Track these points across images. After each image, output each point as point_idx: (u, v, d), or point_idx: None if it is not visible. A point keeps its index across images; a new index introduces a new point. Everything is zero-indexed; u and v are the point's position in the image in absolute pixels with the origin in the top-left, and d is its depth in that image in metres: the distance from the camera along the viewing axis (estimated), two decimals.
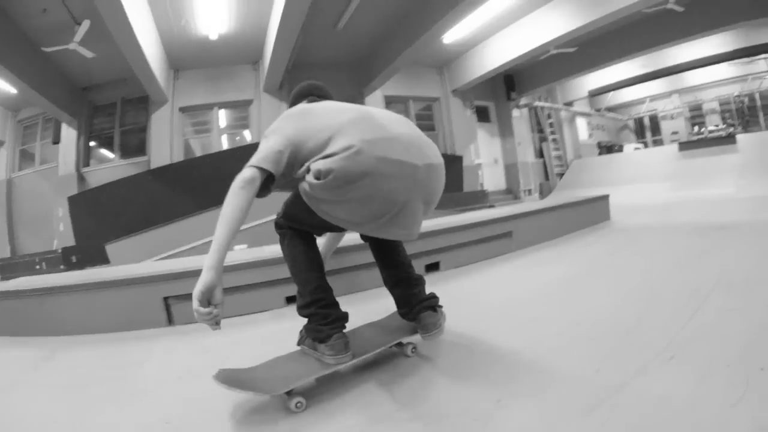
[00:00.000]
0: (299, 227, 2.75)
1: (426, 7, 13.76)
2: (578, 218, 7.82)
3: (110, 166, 16.52)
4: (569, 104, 27.99)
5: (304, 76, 4.77)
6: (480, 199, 17.84)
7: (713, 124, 26.01)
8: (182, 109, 16.98)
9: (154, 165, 15.62)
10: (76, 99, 16.19)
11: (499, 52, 18.79)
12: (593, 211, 8.42)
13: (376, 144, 2.30)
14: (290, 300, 4.27)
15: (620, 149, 26.96)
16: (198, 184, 12.79)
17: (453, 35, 17.11)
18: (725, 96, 26.20)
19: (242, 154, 2.80)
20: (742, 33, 20.64)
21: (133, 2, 11.26)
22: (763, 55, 22.53)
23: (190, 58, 16.21)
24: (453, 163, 18.42)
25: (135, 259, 9.54)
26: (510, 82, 23.58)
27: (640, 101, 31.10)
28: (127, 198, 13.36)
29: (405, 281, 2.85)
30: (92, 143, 17.07)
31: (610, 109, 31.54)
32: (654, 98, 30.29)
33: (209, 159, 15.13)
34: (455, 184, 17.86)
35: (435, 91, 21.75)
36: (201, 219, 10.75)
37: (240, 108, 17.91)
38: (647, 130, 31.69)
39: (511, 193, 23.14)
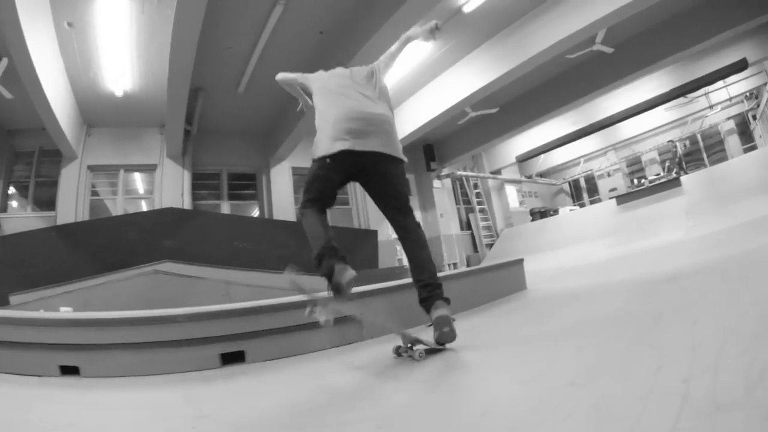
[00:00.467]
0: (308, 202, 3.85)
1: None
2: (478, 290, 6.29)
3: (23, 216, 15.66)
4: (497, 172, 27.13)
5: (209, 144, 11.41)
6: (397, 275, 14.64)
7: (654, 174, 24.49)
8: (90, 168, 16.22)
9: (60, 221, 14.77)
10: (1, 140, 15.63)
11: (413, 117, 17.83)
12: (502, 281, 7.01)
13: None
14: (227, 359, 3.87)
15: (555, 213, 25.86)
16: (94, 247, 12.01)
17: None
18: (665, 144, 24.75)
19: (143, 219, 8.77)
20: (676, 71, 19.77)
21: (44, 48, 11.27)
22: (701, 91, 21.51)
23: (101, 114, 15.78)
24: (367, 238, 17.01)
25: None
26: (430, 152, 22.97)
27: (574, 163, 29.98)
28: (31, 251, 12.24)
29: None
30: (11, 190, 16.19)
31: (542, 175, 30.71)
32: (588, 158, 29.18)
33: (103, 223, 14.11)
34: (369, 261, 16.15)
35: None
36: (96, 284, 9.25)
37: (147, 172, 17.19)
38: (584, 191, 30.59)
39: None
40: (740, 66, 17.68)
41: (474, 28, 14.29)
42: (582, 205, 28.78)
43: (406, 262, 15.72)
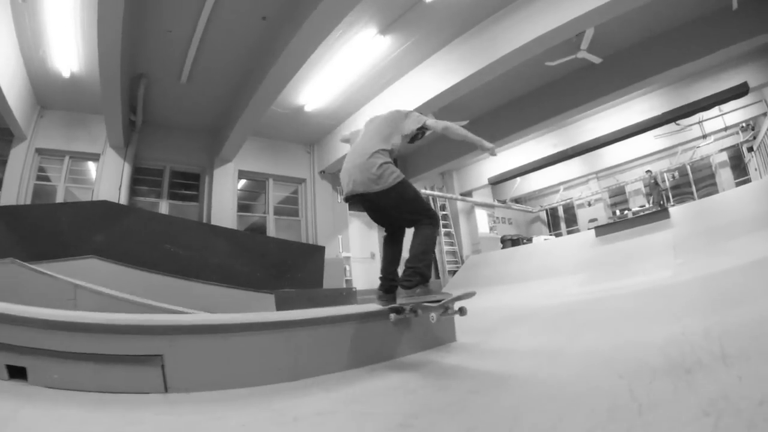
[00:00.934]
0: None
1: (261, 65, 12.66)
2: (383, 340, 4.99)
3: None
4: (467, 194, 25.25)
5: (154, 137, 13.13)
6: (345, 298, 15.13)
7: (638, 206, 22.95)
8: (39, 150, 15.23)
9: (2, 203, 13.96)
10: None
11: (366, 118, 14.80)
12: (418, 328, 5.32)
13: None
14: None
15: (528, 242, 24.57)
16: (24, 233, 11.52)
17: (313, 103, 15.81)
18: (649, 175, 23.02)
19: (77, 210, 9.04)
20: (670, 93, 18.43)
21: None
22: (695, 118, 20.04)
23: (53, 96, 14.82)
24: (313, 254, 16.09)
25: None
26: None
27: (553, 190, 28.28)
28: None
29: None
30: None
31: (517, 201, 29.21)
32: (568, 185, 27.59)
33: (35, 210, 13.27)
34: (313, 280, 15.41)
35: (302, 171, 19.50)
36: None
37: (92, 161, 16.05)
38: (561, 221, 28.26)
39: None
40: (741, 90, 16.23)
41: (438, 25, 12.82)
42: (558, 235, 27.37)
43: (355, 284, 17.83)
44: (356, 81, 14.79)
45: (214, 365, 3.76)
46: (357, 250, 20.14)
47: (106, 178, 15.42)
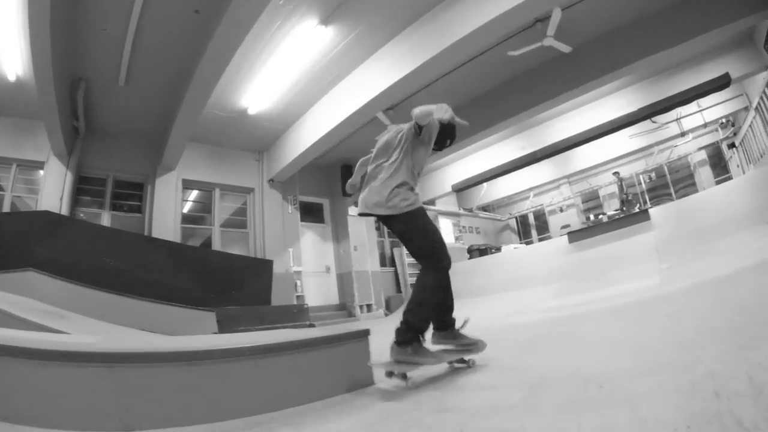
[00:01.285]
0: None
1: (194, 61, 11.76)
2: (272, 385, 3.83)
3: None
4: (430, 203, 23.96)
5: (98, 145, 12.94)
6: (295, 315, 14.57)
7: (614, 210, 20.59)
8: None
9: None
10: None
11: (316, 126, 15.33)
12: (328, 367, 4.21)
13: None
14: None
15: (497, 251, 22.25)
16: None
17: (257, 105, 14.97)
18: (627, 177, 21.84)
19: (17, 221, 10.08)
20: (647, 88, 17.32)
21: None
22: (674, 114, 18.96)
23: (1, 102, 14.09)
24: (260, 269, 15.48)
25: None
26: (348, 173, 18.56)
27: (523, 196, 27.12)
28: None
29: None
30: None
31: (485, 209, 28.07)
32: (539, 191, 26.21)
33: None
34: (261, 296, 14.86)
35: (251, 180, 18.31)
36: None
37: (37, 169, 15.33)
38: (532, 228, 26.90)
39: (345, 308, 18.92)
40: (722, 82, 15.24)
41: (385, 13, 11.78)
42: (529, 243, 26.15)
43: (308, 300, 17.12)
44: (300, 79, 13.83)
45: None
46: (310, 264, 18.96)
47: (49, 187, 14.72)
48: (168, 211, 16.07)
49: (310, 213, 19.97)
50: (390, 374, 4.12)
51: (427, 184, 23.76)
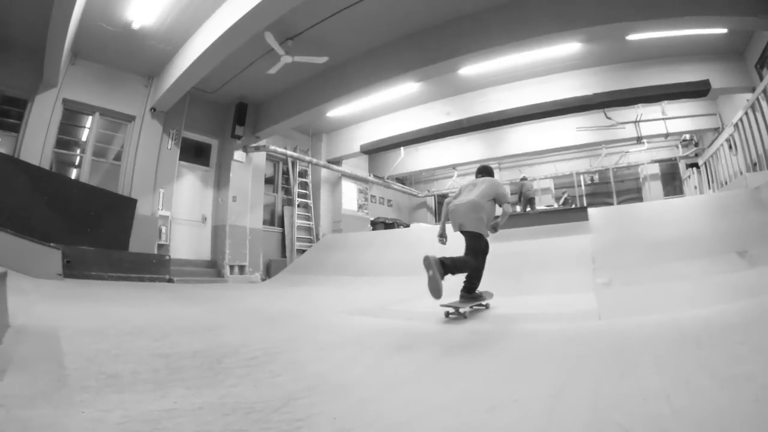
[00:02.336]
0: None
1: None
2: None
3: None
4: (336, 162, 21.53)
5: None
6: (154, 266, 14.23)
7: (545, 205, 19.78)
8: None
9: None
10: None
11: (199, 47, 13.08)
12: None
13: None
14: None
15: (405, 227, 21.53)
16: None
17: (142, 19, 12.92)
18: (565, 173, 20.90)
19: None
20: (610, 73, 15.13)
21: None
22: (634, 114, 17.00)
23: None
24: (120, 207, 14.29)
25: None
26: (241, 113, 17.63)
27: (446, 174, 24.87)
28: None
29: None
30: None
31: (401, 181, 26.15)
32: (464, 171, 23.60)
33: None
34: (119, 239, 13.81)
35: (135, 107, 15.99)
36: None
37: None
38: None
39: (216, 266, 16.94)
40: (700, 88, 13.66)
41: None
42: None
43: (173, 251, 15.89)
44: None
45: None
46: (184, 211, 16.82)
47: None
48: (41, 132, 14.17)
49: (196, 153, 17.73)
50: (456, 311, 6.62)
51: (334, 141, 21.57)
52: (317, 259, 16.23)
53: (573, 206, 17.22)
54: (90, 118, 15.45)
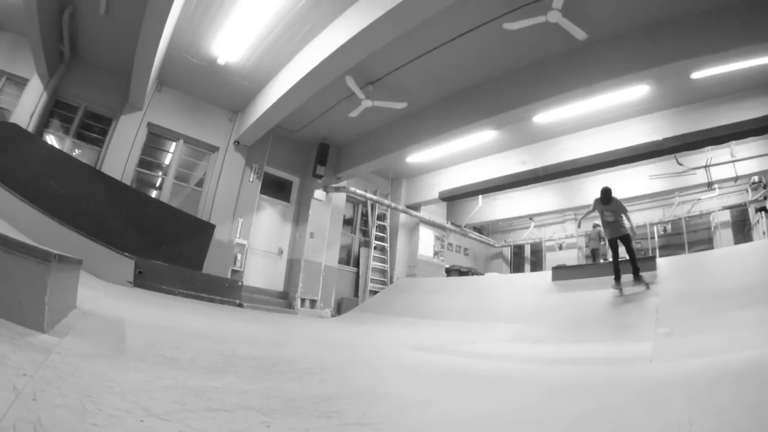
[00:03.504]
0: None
1: None
2: None
3: None
4: (414, 207, 21.79)
5: (78, 73, 14.29)
6: (226, 290, 14.60)
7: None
8: None
9: None
10: None
11: (282, 86, 13.94)
12: None
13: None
14: None
15: (478, 275, 21.00)
16: None
17: (227, 55, 14.04)
18: (639, 224, 19.26)
19: None
20: (676, 117, 14.71)
21: None
22: (703, 158, 16.55)
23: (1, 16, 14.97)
24: (199, 230, 15.16)
25: None
26: (323, 153, 18.43)
27: (522, 225, 24.50)
28: None
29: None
30: None
31: (478, 230, 25.69)
32: (541, 222, 23.69)
33: None
34: (194, 259, 14.55)
35: (219, 139, 17.22)
36: None
37: (19, 85, 15.47)
38: (527, 262, 24.68)
39: (287, 298, 17.54)
40: (763, 124, 13.11)
41: None
42: None
43: (247, 278, 16.41)
44: (270, 30, 12.66)
45: None
46: (262, 242, 17.74)
47: (24, 103, 14.85)
48: (124, 150, 15.48)
49: (277, 188, 18.65)
50: (642, 283, 10.20)
51: (413, 187, 21.99)
52: (388, 300, 16.42)
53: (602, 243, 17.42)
54: (174, 144, 16.73)
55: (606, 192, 11.24)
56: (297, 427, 2.46)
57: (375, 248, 20.58)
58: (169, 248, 13.76)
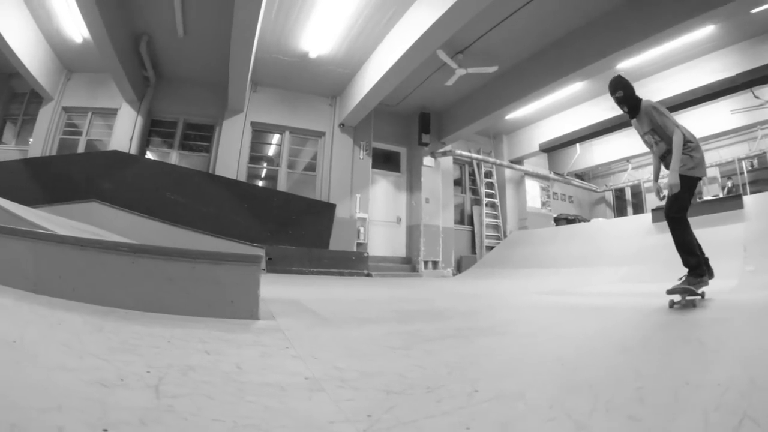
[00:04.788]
0: (684, 213, 5.75)
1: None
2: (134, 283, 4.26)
3: (7, 147, 17.38)
4: (517, 162, 22.30)
5: (168, 92, 16.68)
6: (353, 262, 15.85)
7: (712, 195, 18.13)
8: (65, 109, 17.23)
9: (31, 155, 16.21)
10: (1, 82, 17.56)
11: (378, 67, 14.75)
12: (198, 285, 4.26)
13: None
14: None
15: (585, 222, 21.06)
16: (50, 180, 13.50)
17: (317, 49, 15.08)
18: (728, 160, 19.21)
19: (87, 159, 14.22)
20: (743, 51, 14.68)
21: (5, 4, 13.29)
22: None
23: (74, 60, 16.74)
24: (320, 211, 16.23)
25: None
26: (425, 122, 19.23)
27: (620, 167, 24.22)
28: (5, 179, 13.61)
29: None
30: (5, 124, 18.13)
31: (580, 177, 25.51)
32: (637, 164, 23.30)
33: (59, 160, 15.50)
34: (319, 239, 15.60)
35: (323, 124, 18.47)
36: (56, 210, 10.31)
37: (110, 115, 17.30)
38: (629, 204, 24.58)
39: (411, 263, 18.74)
40: None
41: None
42: None
43: (372, 249, 17.48)
44: (354, 19, 13.44)
45: None
46: (380, 213, 18.80)
47: (120, 130, 16.48)
48: (233, 151, 16.86)
49: (386, 161, 19.61)
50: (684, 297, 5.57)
51: (514, 142, 22.52)
52: (504, 254, 16.99)
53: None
54: (278, 136, 18.19)
55: (615, 85, 6.22)
56: (475, 342, 3.66)
57: (486, 205, 21.19)
58: (295, 232, 14.82)
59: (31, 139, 16.95)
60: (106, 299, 3.93)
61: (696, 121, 16.68)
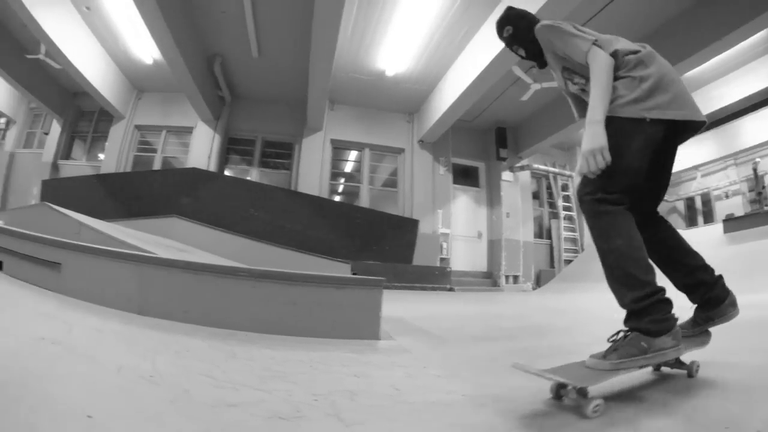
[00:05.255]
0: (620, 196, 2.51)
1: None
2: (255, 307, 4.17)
3: (78, 163, 18.87)
4: None
5: (244, 111, 18.12)
6: (436, 277, 15.86)
7: None
8: (138, 127, 18.52)
9: (103, 170, 17.22)
10: (66, 101, 19.11)
11: (455, 85, 15.01)
12: (324, 310, 4.26)
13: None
14: None
15: None
16: (122, 195, 13.87)
17: (394, 68, 15.69)
18: None
19: (166, 176, 14.30)
20: None
21: (70, 28, 14.26)
22: None
23: (144, 80, 17.99)
24: (404, 227, 15.85)
25: None
26: (501, 137, 19.65)
27: (690, 176, 23.42)
28: (76, 193, 14.26)
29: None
30: (73, 141, 19.65)
31: None
32: (706, 172, 22.50)
33: (132, 176, 16.11)
34: (402, 254, 15.33)
35: (402, 141, 18.94)
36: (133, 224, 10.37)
37: (185, 134, 18.61)
38: (699, 214, 23.59)
39: (491, 277, 18.86)
40: None
41: None
42: None
43: (454, 263, 17.66)
44: (430, 36, 13.90)
45: None
46: (461, 228, 19.02)
47: (197, 148, 17.54)
48: (314, 168, 17.43)
49: (465, 176, 19.86)
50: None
51: None
52: (583, 268, 16.27)
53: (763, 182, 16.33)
54: (356, 152, 18.81)
55: (501, 22, 3.70)
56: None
57: (564, 218, 21.28)
58: (379, 248, 14.78)
59: (101, 155, 18.37)
60: (223, 322, 4.01)
61: (764, 121, 17.05)
